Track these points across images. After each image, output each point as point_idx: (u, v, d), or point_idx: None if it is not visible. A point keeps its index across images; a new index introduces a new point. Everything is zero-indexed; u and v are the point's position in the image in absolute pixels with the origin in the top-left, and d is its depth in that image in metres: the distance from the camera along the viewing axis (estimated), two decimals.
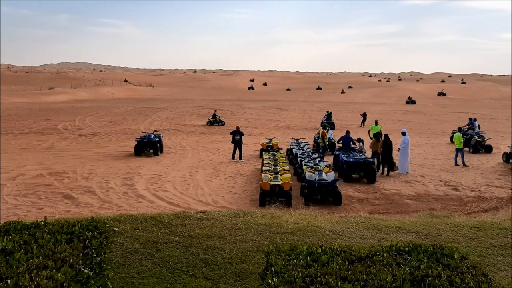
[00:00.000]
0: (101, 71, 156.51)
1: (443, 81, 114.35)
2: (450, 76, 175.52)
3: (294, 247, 3.54)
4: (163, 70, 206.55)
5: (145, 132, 24.70)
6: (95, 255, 3.74)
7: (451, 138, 28.14)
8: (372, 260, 3.28)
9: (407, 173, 18.13)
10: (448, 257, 3.28)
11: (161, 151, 21.99)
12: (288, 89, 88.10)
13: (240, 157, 20.40)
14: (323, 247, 3.48)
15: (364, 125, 34.69)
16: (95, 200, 13.50)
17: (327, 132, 23.36)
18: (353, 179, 16.54)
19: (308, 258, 3.30)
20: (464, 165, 20.41)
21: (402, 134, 19.27)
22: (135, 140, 21.93)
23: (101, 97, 60.93)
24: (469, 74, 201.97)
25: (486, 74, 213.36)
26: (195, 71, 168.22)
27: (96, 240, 4.00)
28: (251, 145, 24.35)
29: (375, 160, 18.12)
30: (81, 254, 3.66)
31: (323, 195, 13.57)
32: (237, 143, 20.37)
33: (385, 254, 3.34)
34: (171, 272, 5.62)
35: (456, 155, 21.02)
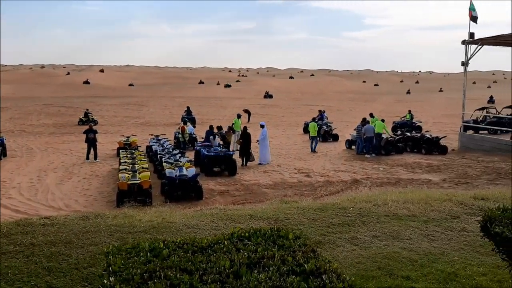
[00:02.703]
0: None
1: (291, 77, 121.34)
2: (302, 71, 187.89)
3: (136, 244, 3.46)
4: (5, 66, 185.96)
5: None
6: None
7: (304, 128, 30.29)
8: (213, 248, 3.36)
9: (267, 163, 18.97)
10: (283, 238, 3.49)
11: (5, 155, 19.89)
12: (130, 85, 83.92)
13: (95, 157, 19.38)
14: (165, 242, 3.46)
15: (249, 121, 35.28)
16: None
17: (187, 127, 23.37)
18: (215, 173, 16.79)
19: (149, 254, 3.26)
20: (314, 152, 22.20)
21: (261, 127, 20.10)
22: None
23: None
24: (319, 69, 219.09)
25: (333, 70, 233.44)
26: (42, 67, 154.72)
27: None
28: (107, 144, 23.28)
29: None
30: None
31: (184, 191, 13.50)
32: (91, 142, 19.32)
33: (226, 241, 3.44)
34: (10, 284, 5.13)
35: (312, 143, 22.80)
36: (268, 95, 62.89)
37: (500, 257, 4.10)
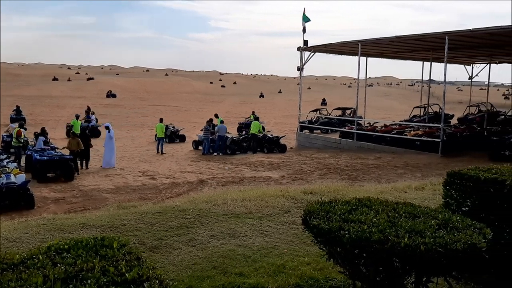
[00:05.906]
0: None
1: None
2: (148, 70, 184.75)
3: None
4: None
5: None
6: None
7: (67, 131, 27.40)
8: (26, 264, 3.05)
9: (112, 167, 18.12)
10: (107, 247, 3.32)
11: None
12: None
13: None
14: None
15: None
16: None
17: (24, 131, 20.91)
18: (49, 179, 15.55)
19: None
20: (162, 153, 22.00)
21: (106, 129, 19.15)
22: None
23: None
24: (165, 69, 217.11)
25: (180, 70, 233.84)
26: None
27: None
28: None
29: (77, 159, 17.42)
30: None
31: (12, 200, 12.23)
32: None
33: (41, 256, 3.15)
34: None
35: (158, 144, 22.53)
36: (111, 95, 60.39)
37: (318, 247, 4.47)
